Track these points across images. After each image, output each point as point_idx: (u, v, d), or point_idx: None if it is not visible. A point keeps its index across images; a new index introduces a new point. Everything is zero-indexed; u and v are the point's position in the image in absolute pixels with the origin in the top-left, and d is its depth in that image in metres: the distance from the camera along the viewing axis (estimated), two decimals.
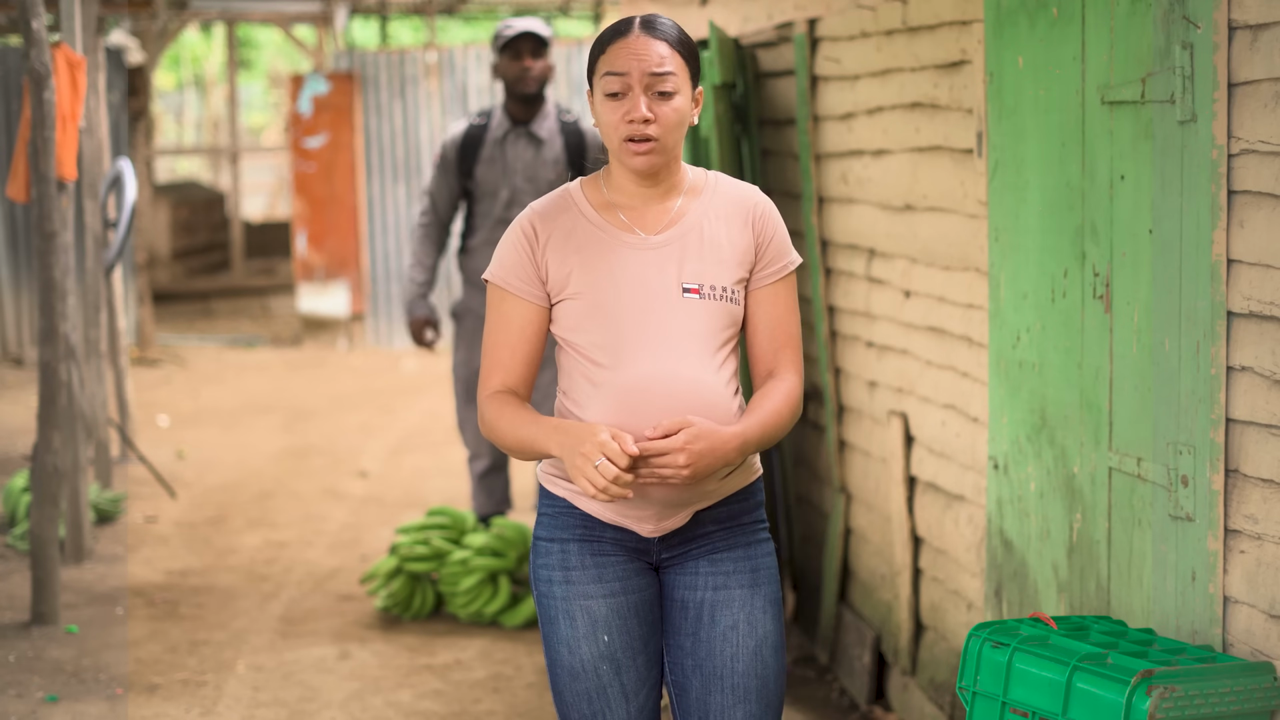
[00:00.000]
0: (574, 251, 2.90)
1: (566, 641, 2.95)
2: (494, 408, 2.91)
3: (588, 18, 17.84)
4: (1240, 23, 2.78)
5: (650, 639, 2.99)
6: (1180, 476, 2.94)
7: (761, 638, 2.96)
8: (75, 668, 5.36)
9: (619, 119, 2.84)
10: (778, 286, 2.96)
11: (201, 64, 28.48)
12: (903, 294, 4.69)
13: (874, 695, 4.98)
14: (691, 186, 2.96)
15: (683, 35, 2.89)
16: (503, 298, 2.94)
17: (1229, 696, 2.68)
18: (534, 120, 6.16)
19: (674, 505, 2.91)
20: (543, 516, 3.01)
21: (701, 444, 2.76)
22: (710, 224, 2.92)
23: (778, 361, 2.96)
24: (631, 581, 2.96)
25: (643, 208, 2.93)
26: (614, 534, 2.95)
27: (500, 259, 2.94)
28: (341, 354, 13.65)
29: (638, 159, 2.85)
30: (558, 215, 2.93)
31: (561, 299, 2.91)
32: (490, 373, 2.94)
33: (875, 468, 5.00)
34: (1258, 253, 2.75)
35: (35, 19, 5.71)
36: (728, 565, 2.97)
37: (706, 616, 2.96)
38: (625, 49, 2.85)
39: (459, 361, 6.33)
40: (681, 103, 2.85)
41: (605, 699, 2.94)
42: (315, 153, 13.78)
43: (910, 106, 4.52)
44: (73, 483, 6.49)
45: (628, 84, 2.83)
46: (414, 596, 5.95)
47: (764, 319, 2.96)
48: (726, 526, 2.98)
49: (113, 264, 8.10)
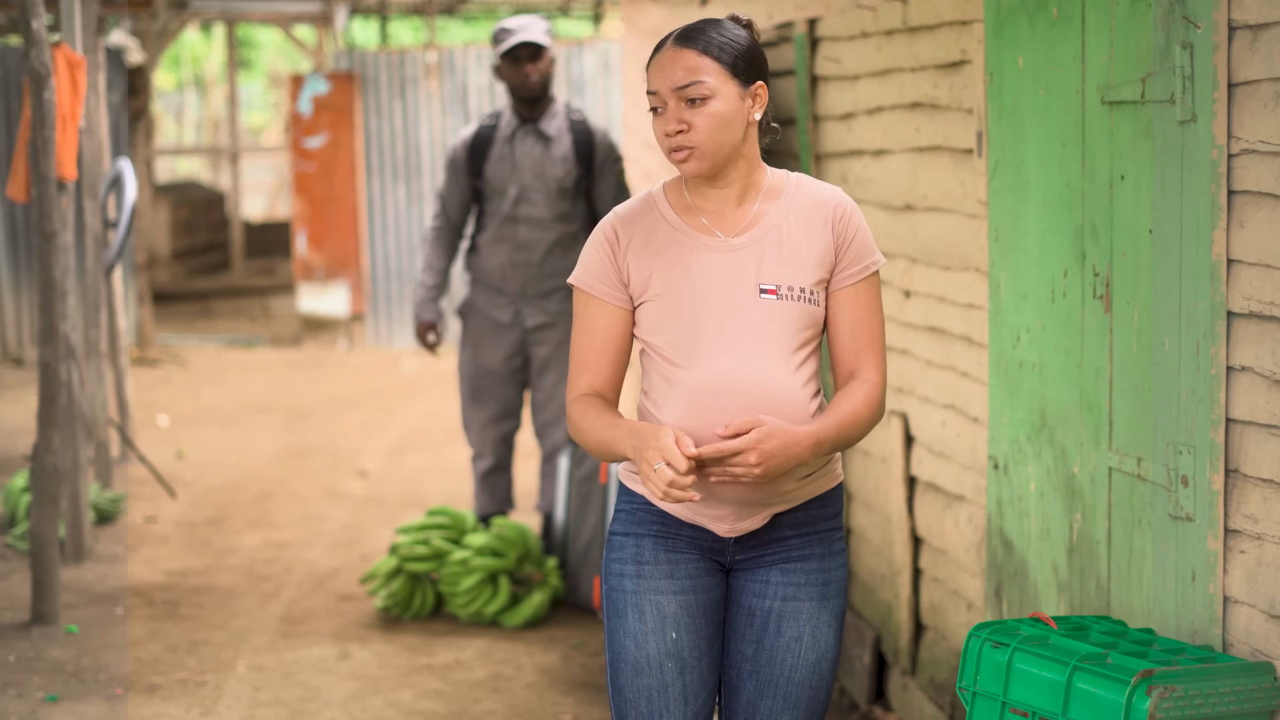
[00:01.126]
0: (654, 254, 2.92)
1: (634, 635, 2.94)
2: (579, 410, 2.93)
3: (588, 18, 17.84)
4: (1240, 23, 2.78)
5: (715, 640, 2.99)
6: (1180, 476, 2.94)
7: (823, 651, 2.97)
8: (75, 668, 5.36)
9: (660, 135, 2.89)
10: (859, 287, 2.96)
11: (201, 64, 28.48)
12: (903, 294, 4.69)
13: (874, 695, 4.98)
14: (772, 188, 2.97)
15: (724, 38, 2.89)
16: (587, 302, 2.96)
17: (1229, 696, 2.68)
18: (542, 118, 6.19)
19: (750, 505, 2.91)
20: (620, 512, 3.01)
21: (773, 443, 2.76)
22: (790, 225, 2.93)
23: (859, 362, 2.96)
24: (703, 580, 2.96)
25: (721, 210, 2.95)
26: (690, 532, 2.95)
27: (584, 263, 2.96)
28: (341, 354, 13.64)
29: (683, 166, 2.88)
30: (639, 219, 2.95)
31: (642, 301, 2.93)
32: (577, 376, 2.96)
33: (875, 468, 5.00)
34: (1258, 253, 2.75)
35: (35, 19, 5.71)
36: (799, 577, 2.97)
37: (773, 626, 2.96)
38: (656, 66, 2.89)
39: (464, 360, 6.33)
40: (720, 106, 2.86)
41: (666, 698, 2.94)
42: (315, 153, 13.77)
43: (910, 106, 4.52)
44: (73, 483, 6.49)
45: (662, 99, 2.87)
46: (414, 596, 5.95)
47: (845, 319, 2.96)
48: (804, 533, 2.97)
49: (113, 264, 8.10)
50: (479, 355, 6.26)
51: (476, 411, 6.32)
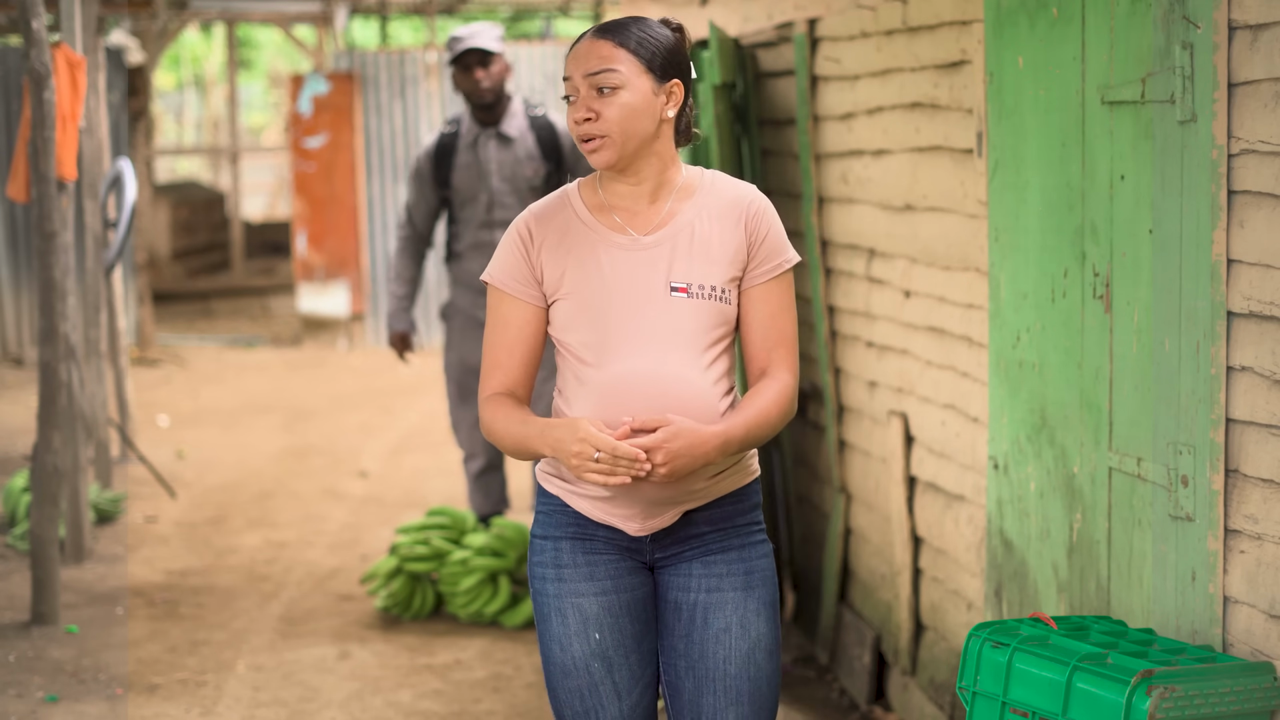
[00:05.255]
0: (567, 252, 2.92)
1: (558, 638, 2.96)
2: (491, 409, 2.94)
3: (587, 18, 17.85)
4: (1240, 23, 2.78)
5: (644, 637, 2.99)
6: (1180, 476, 2.94)
7: (755, 640, 2.96)
8: (75, 668, 5.36)
9: (572, 122, 2.89)
10: (771, 285, 2.96)
11: (201, 64, 28.48)
12: (903, 294, 4.69)
13: (874, 695, 4.98)
14: (685, 186, 2.96)
15: (643, 33, 2.89)
16: (500, 299, 2.96)
17: (1229, 696, 2.68)
18: (501, 121, 6.19)
19: (660, 504, 2.91)
20: (539, 514, 3.02)
21: (679, 443, 2.77)
22: (702, 223, 2.93)
23: (770, 360, 2.96)
24: (624, 580, 2.97)
25: (634, 208, 2.94)
26: (606, 532, 2.95)
27: (498, 261, 2.97)
28: (341, 354, 13.64)
29: (592, 157, 2.88)
30: (553, 216, 2.95)
31: (555, 299, 2.93)
32: (489, 374, 2.96)
33: (875, 468, 5.00)
34: (1258, 253, 2.75)
35: (35, 19, 5.71)
36: (721, 568, 2.97)
37: (699, 618, 2.96)
38: (573, 55, 2.90)
39: (451, 362, 6.34)
40: (630, 97, 2.85)
41: (597, 696, 2.95)
42: (315, 153, 13.77)
43: (910, 106, 4.52)
44: (73, 483, 6.49)
45: (574, 87, 2.88)
46: (414, 596, 5.95)
47: (757, 317, 2.96)
48: (720, 528, 2.97)
49: (113, 264, 8.10)
50: (465, 354, 6.27)
51: (465, 411, 6.33)
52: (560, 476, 2.97)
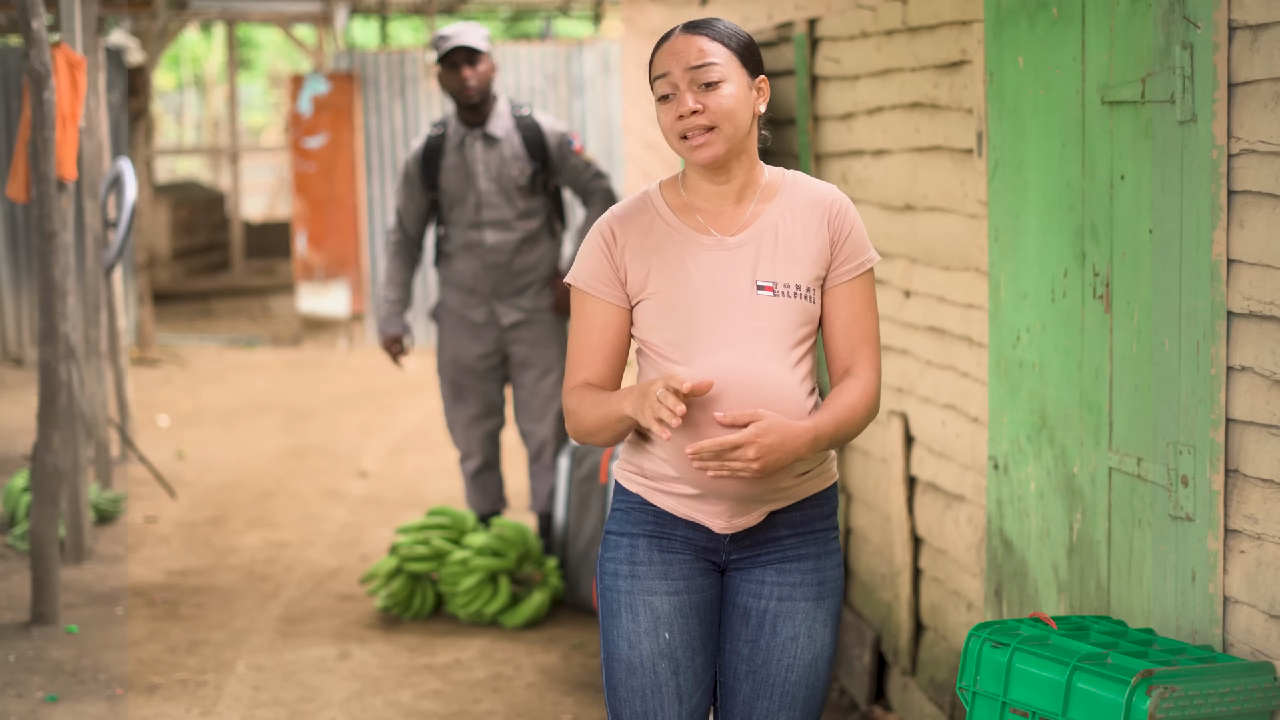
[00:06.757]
0: (651, 252, 2.92)
1: (627, 635, 2.95)
2: (575, 398, 2.94)
3: (588, 18, 17.85)
4: (1240, 23, 2.78)
5: (709, 640, 2.99)
6: (1180, 476, 2.94)
7: (819, 651, 2.97)
8: (75, 668, 5.36)
9: (672, 120, 2.87)
10: (854, 284, 2.96)
11: (201, 64, 28.48)
12: (903, 294, 4.69)
13: (874, 695, 4.98)
14: (768, 186, 2.97)
15: (730, 28, 2.91)
16: (584, 300, 2.96)
17: (1229, 696, 2.68)
18: (487, 121, 6.18)
19: (747, 501, 2.90)
20: (615, 511, 3.01)
21: (771, 437, 2.76)
22: (786, 224, 2.93)
23: (854, 359, 2.96)
24: (696, 581, 2.96)
25: (719, 209, 2.95)
26: (685, 532, 2.95)
27: (581, 262, 2.97)
28: (341, 354, 13.64)
29: (698, 152, 2.87)
30: (636, 217, 2.95)
31: (640, 299, 2.93)
32: (574, 373, 2.97)
33: (875, 468, 5.00)
34: (1258, 253, 2.75)
35: (35, 19, 5.71)
36: (795, 576, 2.97)
37: (768, 626, 2.96)
38: (666, 51, 2.89)
39: (443, 361, 6.35)
40: (733, 90, 2.86)
41: (660, 698, 2.95)
42: (315, 153, 13.77)
43: (910, 106, 4.52)
44: (73, 483, 6.49)
45: (673, 83, 2.87)
46: (414, 596, 5.95)
47: (841, 316, 2.96)
48: (799, 533, 2.97)
49: (113, 264, 8.10)
50: (458, 354, 6.27)
51: (460, 411, 6.34)
52: (642, 474, 2.96)
